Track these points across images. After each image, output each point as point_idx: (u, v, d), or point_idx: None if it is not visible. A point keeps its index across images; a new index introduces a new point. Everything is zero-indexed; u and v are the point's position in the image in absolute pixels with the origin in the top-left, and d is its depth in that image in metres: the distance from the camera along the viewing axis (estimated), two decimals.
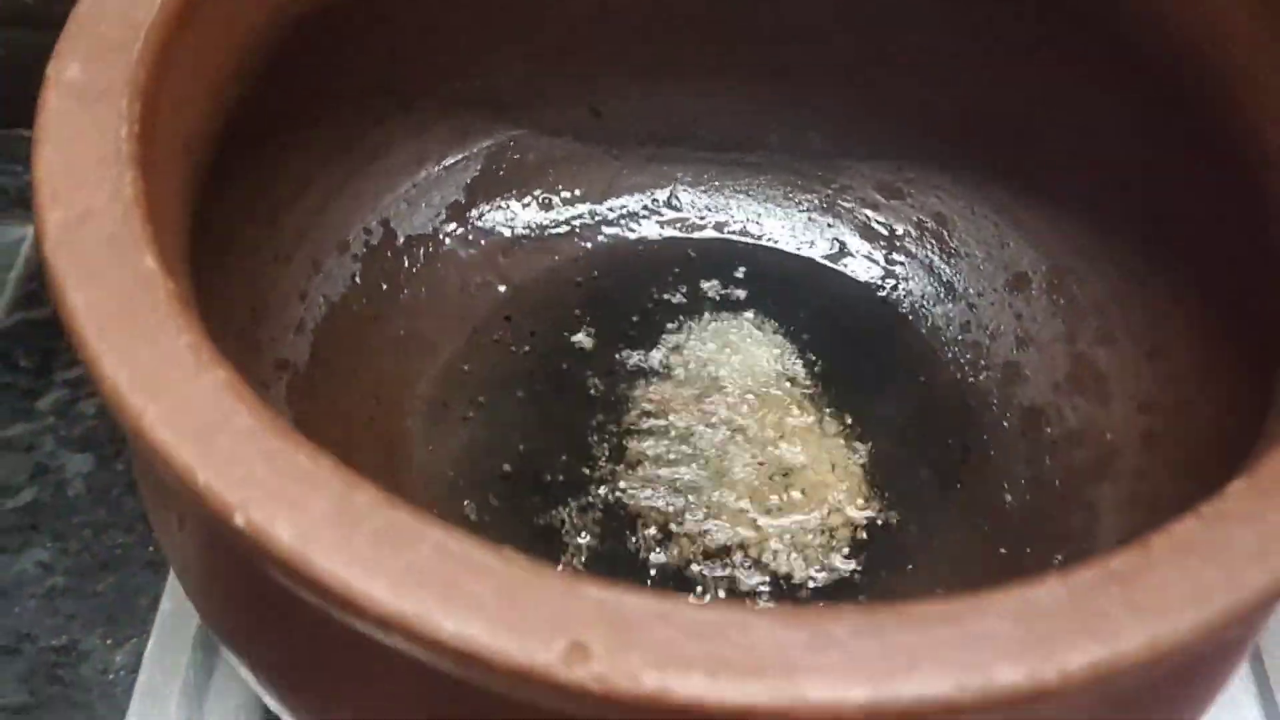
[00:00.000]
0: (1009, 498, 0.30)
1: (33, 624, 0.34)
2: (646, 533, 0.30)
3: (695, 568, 0.29)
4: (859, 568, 0.29)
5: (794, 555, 0.30)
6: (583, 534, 0.30)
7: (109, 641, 0.34)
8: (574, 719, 0.15)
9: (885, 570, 0.29)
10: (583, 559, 0.29)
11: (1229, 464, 0.27)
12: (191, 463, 0.16)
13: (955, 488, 0.31)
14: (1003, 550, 0.29)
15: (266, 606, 0.19)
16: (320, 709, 0.20)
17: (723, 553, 0.30)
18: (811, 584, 0.29)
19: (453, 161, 0.35)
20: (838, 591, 0.29)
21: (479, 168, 0.35)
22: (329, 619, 0.16)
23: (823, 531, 0.30)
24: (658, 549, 0.30)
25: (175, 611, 0.31)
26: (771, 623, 0.15)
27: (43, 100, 0.20)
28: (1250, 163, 0.26)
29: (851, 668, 0.15)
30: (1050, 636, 0.15)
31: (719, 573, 0.29)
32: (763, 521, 0.30)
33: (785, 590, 0.29)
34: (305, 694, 0.20)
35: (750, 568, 0.29)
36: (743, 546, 0.30)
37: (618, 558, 0.29)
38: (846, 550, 0.30)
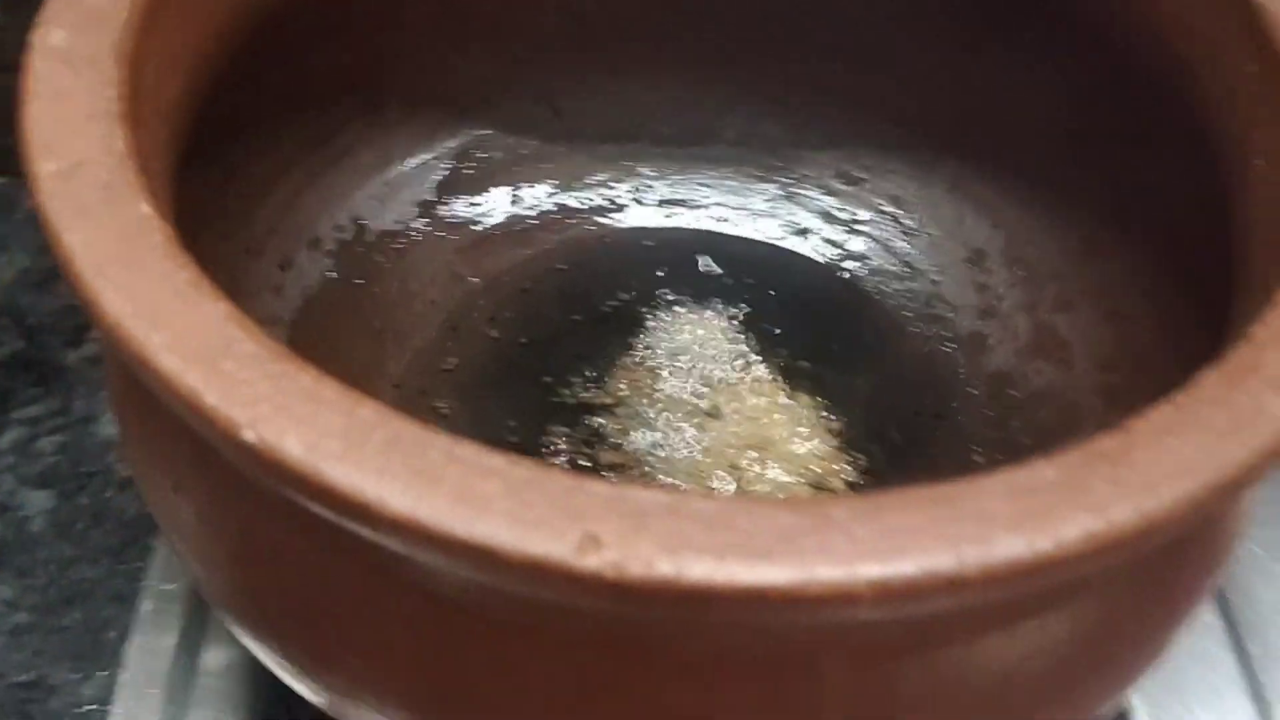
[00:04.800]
0: (980, 460, 0.31)
1: (0, 661, 0.33)
2: None
3: None
4: None
5: None
6: None
7: (78, 676, 0.33)
8: (587, 615, 0.16)
9: None
10: None
11: None
12: (198, 385, 0.16)
13: (929, 451, 0.32)
14: None
15: (275, 543, 0.19)
16: (332, 655, 0.20)
17: None
18: None
19: (420, 161, 0.35)
20: None
21: (447, 167, 0.36)
22: (341, 539, 0.16)
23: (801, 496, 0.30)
24: None
25: (147, 644, 0.31)
26: (776, 510, 0.16)
27: (27, 64, 0.20)
28: (1194, 117, 0.28)
29: (858, 547, 0.15)
30: (1044, 510, 0.16)
31: None
32: (743, 490, 0.30)
33: None
34: (316, 641, 0.20)
35: None
36: None
37: None
38: None
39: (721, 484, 0.31)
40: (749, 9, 0.35)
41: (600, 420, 0.32)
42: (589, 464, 0.31)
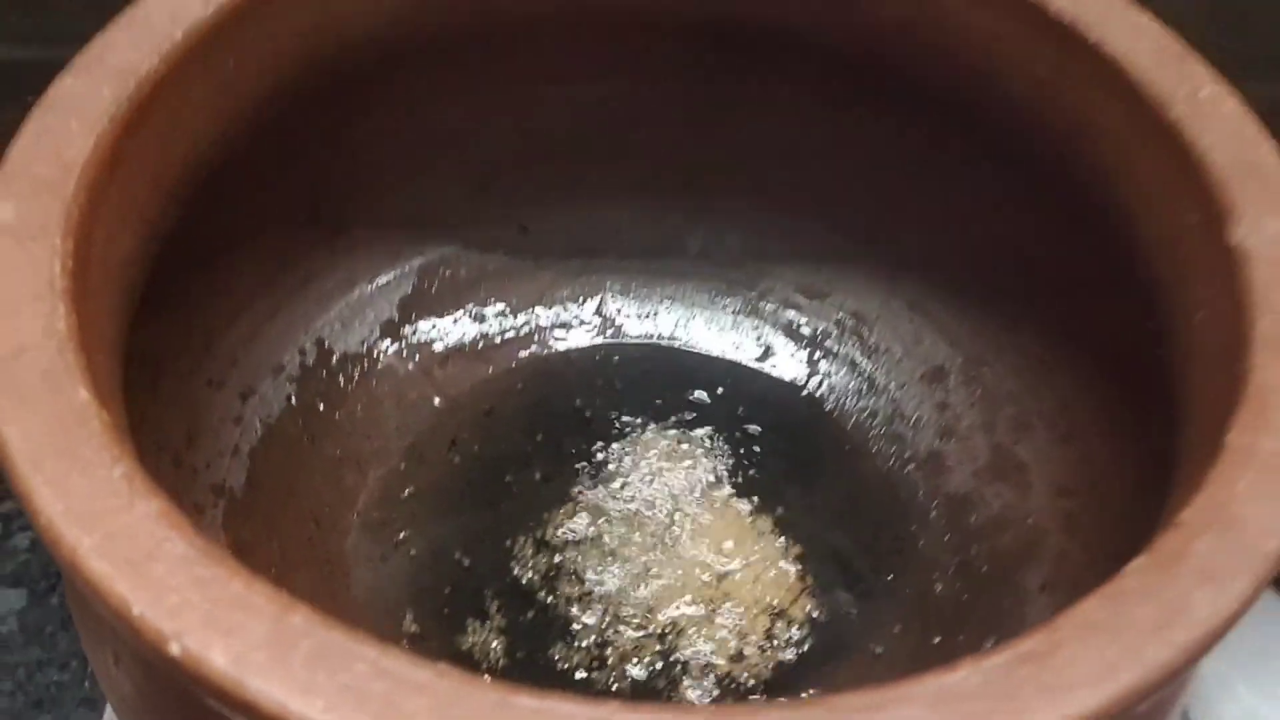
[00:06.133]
0: (939, 586, 0.31)
1: None
2: (583, 643, 0.30)
3: (633, 672, 0.29)
4: (799, 662, 0.30)
5: (733, 656, 0.30)
6: (518, 649, 0.30)
7: None
8: None
9: (827, 664, 0.30)
10: (511, 671, 0.30)
11: (1140, 543, 0.28)
12: (126, 594, 0.16)
13: (888, 578, 0.32)
14: (937, 638, 0.30)
15: None
16: None
17: (660, 658, 0.30)
18: (753, 682, 0.29)
19: (385, 280, 0.36)
20: (782, 687, 0.30)
21: (411, 285, 0.36)
22: None
23: (761, 629, 0.30)
24: (593, 662, 0.30)
25: None
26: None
27: None
28: (1138, 260, 0.28)
29: None
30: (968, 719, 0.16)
31: (658, 681, 0.29)
32: (699, 623, 0.30)
33: (729, 690, 0.29)
34: None
35: (691, 672, 0.30)
36: (679, 651, 0.30)
37: (551, 669, 0.30)
38: (788, 647, 0.30)
39: (685, 614, 0.31)
40: (708, 125, 0.36)
41: (562, 548, 0.32)
42: (551, 597, 0.31)
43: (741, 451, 0.34)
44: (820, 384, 0.36)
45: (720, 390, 0.36)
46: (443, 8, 0.30)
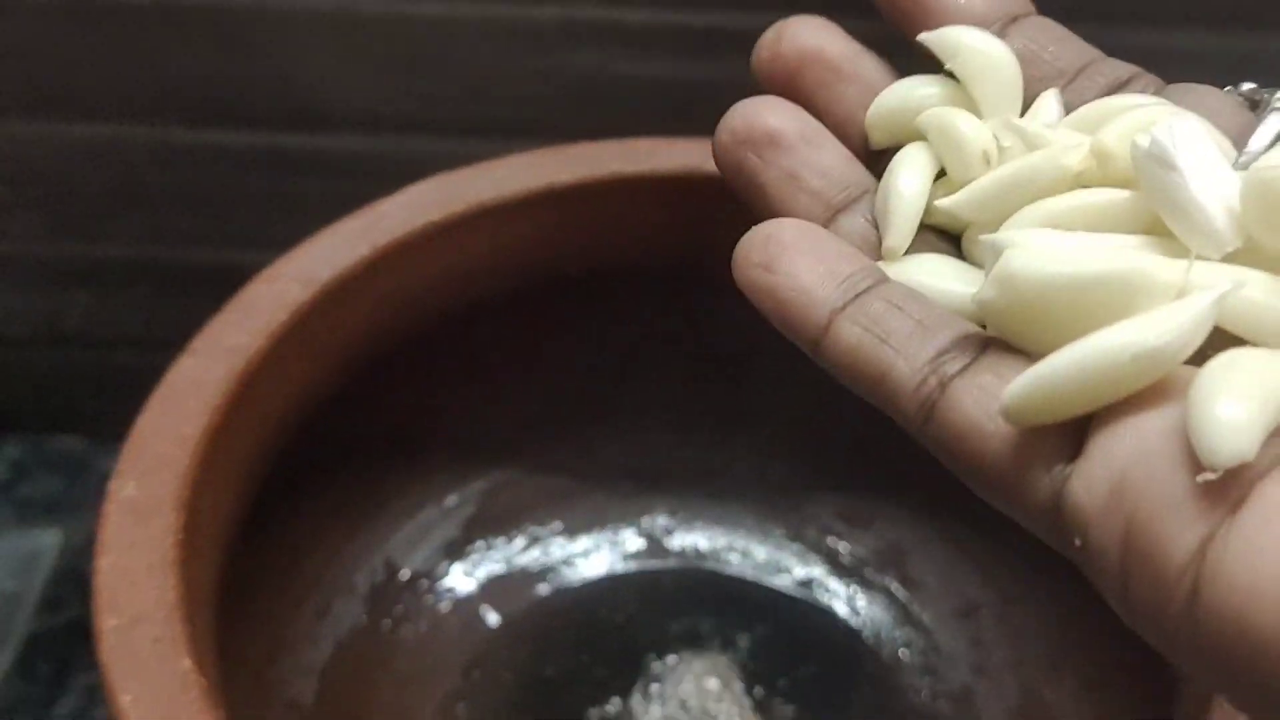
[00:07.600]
0: None
1: None
2: None
3: None
4: None
5: None
6: None
7: None
8: None
9: None
10: None
11: None
12: None
13: None
14: None
15: None
16: None
17: None
18: None
19: (452, 503, 0.39)
20: None
21: (475, 506, 0.39)
22: None
23: None
24: None
25: None
26: None
27: (104, 514, 0.24)
28: None
29: None
30: None
31: None
32: None
33: None
34: None
35: None
36: None
37: None
38: None
39: None
40: (753, 366, 0.39)
41: None
42: None
43: (779, 677, 0.36)
44: (858, 613, 0.38)
45: (762, 614, 0.38)
46: (498, 277, 0.34)
